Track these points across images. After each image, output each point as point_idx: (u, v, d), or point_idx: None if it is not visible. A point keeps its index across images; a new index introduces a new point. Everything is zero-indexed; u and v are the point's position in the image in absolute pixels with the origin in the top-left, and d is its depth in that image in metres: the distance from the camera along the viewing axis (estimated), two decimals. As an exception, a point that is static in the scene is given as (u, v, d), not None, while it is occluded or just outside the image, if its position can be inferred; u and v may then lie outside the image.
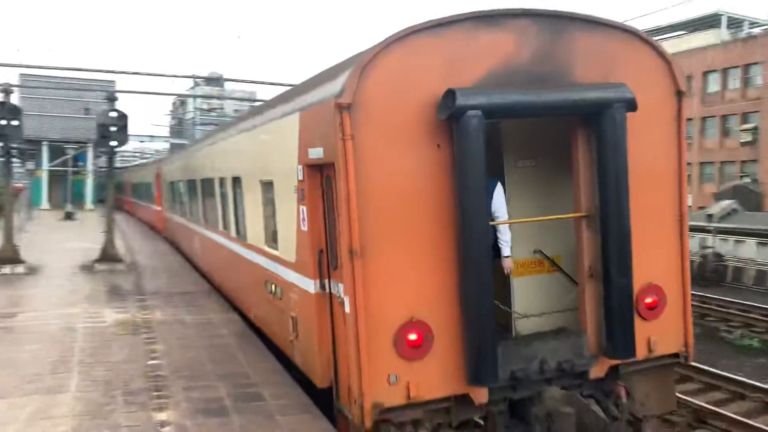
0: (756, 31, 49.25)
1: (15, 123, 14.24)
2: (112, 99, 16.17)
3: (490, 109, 5.79)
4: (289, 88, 10.12)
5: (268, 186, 8.47)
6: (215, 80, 39.23)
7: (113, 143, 15.16)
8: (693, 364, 9.69)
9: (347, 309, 5.92)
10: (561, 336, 6.65)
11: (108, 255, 16.34)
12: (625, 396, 6.76)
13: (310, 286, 6.88)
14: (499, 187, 6.55)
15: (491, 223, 6.33)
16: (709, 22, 50.05)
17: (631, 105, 6.19)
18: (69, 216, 34.30)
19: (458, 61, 6.01)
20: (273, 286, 8.44)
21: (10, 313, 11.03)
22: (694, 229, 21.60)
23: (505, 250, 6.63)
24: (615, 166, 6.18)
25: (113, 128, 15.00)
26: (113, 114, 15.00)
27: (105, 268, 16.03)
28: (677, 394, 8.98)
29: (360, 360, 5.76)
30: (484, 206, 5.94)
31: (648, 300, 6.73)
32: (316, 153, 6.48)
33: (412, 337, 5.88)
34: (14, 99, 15.20)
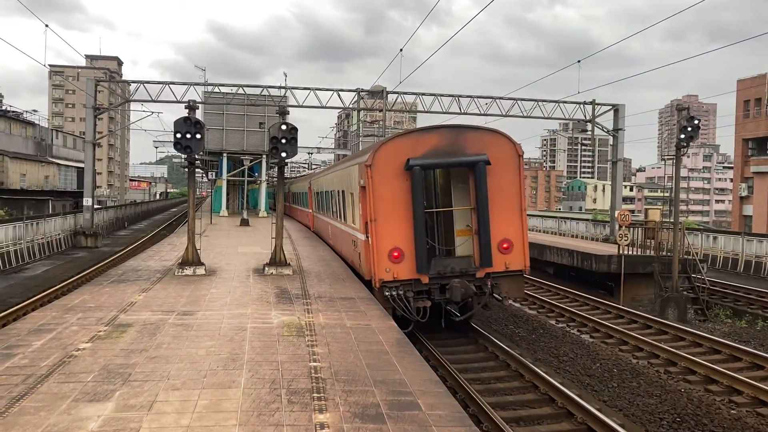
0: None
1: (198, 136, 15.43)
2: (283, 113, 17.03)
3: (423, 166, 14.15)
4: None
5: (351, 195, 17.31)
6: (378, 93, 40.24)
7: (283, 155, 15.88)
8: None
9: (370, 242, 14.45)
10: (464, 258, 14.82)
11: (277, 260, 17.24)
12: (491, 285, 14.70)
13: (362, 236, 15.53)
14: None
15: (425, 210, 14.45)
16: None
17: (487, 162, 14.21)
18: (245, 222, 36.75)
19: (414, 146, 14.35)
20: (353, 241, 17.40)
21: (190, 311, 11.91)
22: None
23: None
24: (479, 187, 14.28)
25: (284, 141, 15.74)
26: (284, 127, 15.75)
27: (274, 272, 16.94)
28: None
29: (374, 263, 14.34)
30: (422, 203, 14.14)
31: (504, 245, 14.75)
32: (362, 182, 14.94)
33: (395, 254, 14.27)
34: (198, 114, 16.49)
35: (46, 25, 29.60)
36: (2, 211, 39.00)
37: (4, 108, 62.05)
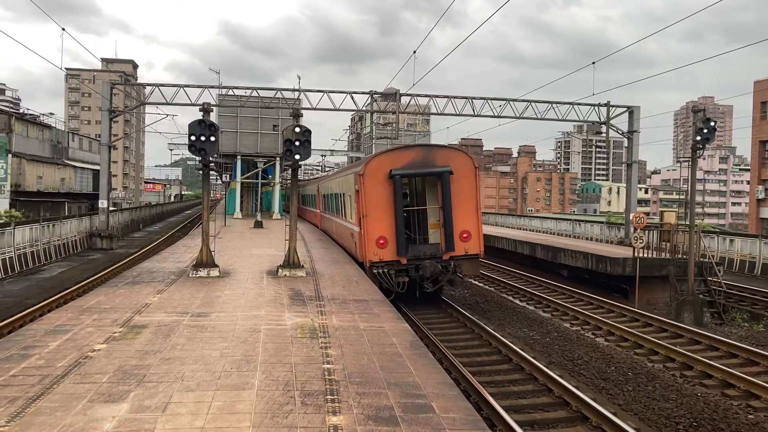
0: None
1: (212, 139, 15.49)
2: (297, 116, 17.05)
3: (402, 175, 18.84)
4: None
5: (350, 197, 21.24)
6: (392, 95, 40.23)
7: (297, 157, 15.92)
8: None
9: (362, 233, 18.79)
10: (434, 245, 19.23)
11: (291, 262, 17.28)
12: (453, 266, 18.74)
13: (357, 229, 19.51)
14: None
15: (406, 208, 19.68)
16: None
17: (450, 173, 18.52)
18: (259, 224, 36.86)
19: (396, 160, 18.88)
20: (350, 233, 21.40)
21: (205, 312, 11.96)
22: None
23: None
24: (444, 191, 18.50)
25: (297, 143, 15.77)
26: (297, 130, 15.78)
27: (287, 273, 16.99)
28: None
29: (365, 248, 18.72)
30: (402, 203, 18.77)
31: (464, 235, 18.92)
32: (356, 187, 19.40)
33: (381, 241, 18.60)
34: (213, 117, 16.54)
35: (63, 29, 29.85)
36: (19, 212, 39.36)
37: (21, 111, 62.68)
